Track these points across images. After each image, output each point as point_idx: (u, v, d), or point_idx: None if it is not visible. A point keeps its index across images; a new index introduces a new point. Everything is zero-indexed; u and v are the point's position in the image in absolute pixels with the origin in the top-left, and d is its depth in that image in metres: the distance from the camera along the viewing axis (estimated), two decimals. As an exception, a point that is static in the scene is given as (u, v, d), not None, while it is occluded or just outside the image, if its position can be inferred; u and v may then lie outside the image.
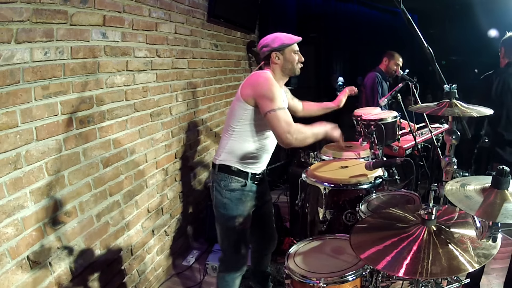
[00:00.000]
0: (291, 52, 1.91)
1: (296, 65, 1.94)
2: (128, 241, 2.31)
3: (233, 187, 1.90)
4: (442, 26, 6.37)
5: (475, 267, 1.01)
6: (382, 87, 3.55)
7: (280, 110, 1.73)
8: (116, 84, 2.13)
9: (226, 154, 1.91)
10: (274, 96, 1.75)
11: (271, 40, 1.90)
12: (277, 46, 1.89)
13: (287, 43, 1.89)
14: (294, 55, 1.92)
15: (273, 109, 1.72)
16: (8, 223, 1.50)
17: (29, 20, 1.55)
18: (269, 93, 1.75)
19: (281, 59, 1.90)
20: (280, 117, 1.72)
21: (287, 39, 1.90)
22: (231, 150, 1.90)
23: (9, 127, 1.49)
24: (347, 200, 2.13)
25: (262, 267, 2.32)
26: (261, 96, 1.76)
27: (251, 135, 1.88)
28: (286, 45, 1.89)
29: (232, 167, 1.90)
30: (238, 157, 1.90)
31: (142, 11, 2.31)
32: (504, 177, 1.04)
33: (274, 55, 1.90)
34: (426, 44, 1.49)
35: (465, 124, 1.61)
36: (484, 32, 5.05)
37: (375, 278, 1.58)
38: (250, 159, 1.92)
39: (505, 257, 2.71)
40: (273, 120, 1.73)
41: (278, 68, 1.93)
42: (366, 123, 2.35)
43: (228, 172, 1.91)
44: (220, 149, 1.95)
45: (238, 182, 1.91)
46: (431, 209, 1.17)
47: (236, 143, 1.89)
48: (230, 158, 1.91)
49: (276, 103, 1.74)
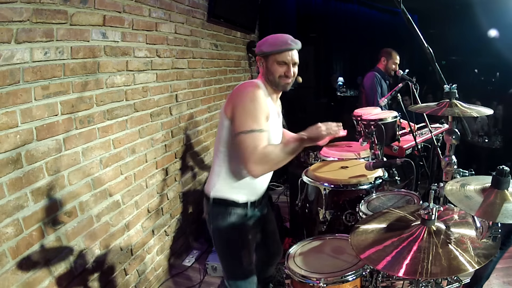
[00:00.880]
0: (274, 62, 1.58)
1: (278, 78, 1.59)
2: (128, 241, 2.31)
3: (233, 221, 1.65)
4: (442, 26, 6.37)
5: (475, 267, 1.01)
6: (382, 86, 3.55)
7: (253, 133, 1.43)
8: (116, 84, 2.13)
9: (220, 185, 1.65)
10: (252, 115, 1.46)
11: (262, 41, 1.63)
12: (258, 50, 1.62)
13: (264, 50, 1.59)
14: (278, 66, 1.58)
15: (245, 130, 1.44)
16: (8, 223, 1.50)
17: (29, 20, 1.55)
18: (248, 111, 1.47)
19: (264, 66, 1.62)
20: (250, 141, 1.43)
21: (268, 45, 1.59)
22: (225, 179, 1.65)
23: (9, 127, 1.49)
24: (347, 200, 2.13)
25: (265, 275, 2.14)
26: (238, 113, 1.49)
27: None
28: (265, 53, 1.59)
29: (229, 199, 1.64)
30: (234, 186, 1.65)
31: (142, 11, 2.31)
32: (504, 177, 1.04)
33: (258, 60, 1.65)
34: (426, 44, 1.50)
35: (465, 124, 1.61)
36: (484, 32, 5.06)
37: (375, 278, 1.58)
38: (249, 185, 1.67)
39: (506, 257, 2.71)
40: (241, 143, 1.45)
41: (263, 76, 1.65)
42: (366, 123, 2.35)
43: (226, 204, 1.65)
44: (213, 178, 1.68)
45: (238, 214, 1.66)
46: (431, 209, 1.17)
47: (229, 170, 1.63)
48: (225, 189, 1.65)
49: (252, 123, 1.45)
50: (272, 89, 1.66)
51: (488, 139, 4.67)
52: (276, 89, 1.66)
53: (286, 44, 1.57)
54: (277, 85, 1.63)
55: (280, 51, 1.56)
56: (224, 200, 1.65)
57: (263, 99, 1.53)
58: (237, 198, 1.65)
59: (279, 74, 1.59)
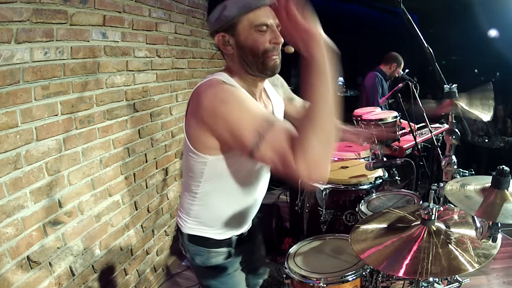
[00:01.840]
0: (250, 30, 1.03)
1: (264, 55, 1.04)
2: (128, 241, 2.31)
3: (213, 263, 1.28)
4: (442, 26, 6.36)
5: (475, 267, 1.01)
6: (383, 87, 3.55)
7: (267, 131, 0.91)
8: (116, 84, 2.13)
9: (194, 222, 1.26)
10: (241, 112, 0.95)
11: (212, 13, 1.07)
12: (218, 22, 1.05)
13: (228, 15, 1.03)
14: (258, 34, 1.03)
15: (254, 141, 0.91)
16: (8, 223, 1.50)
17: (29, 20, 1.54)
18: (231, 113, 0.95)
19: (232, 45, 1.07)
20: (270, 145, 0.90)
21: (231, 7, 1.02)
22: (200, 220, 1.25)
23: (9, 127, 1.49)
24: (347, 200, 2.13)
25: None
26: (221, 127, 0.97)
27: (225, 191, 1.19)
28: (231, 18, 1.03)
29: (208, 237, 1.25)
30: (213, 225, 1.25)
31: (142, 11, 2.31)
32: (504, 177, 1.04)
33: (219, 40, 1.08)
34: (426, 44, 1.49)
35: (465, 124, 1.61)
36: (484, 32, 5.05)
37: (375, 278, 1.58)
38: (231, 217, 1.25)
39: (505, 257, 2.71)
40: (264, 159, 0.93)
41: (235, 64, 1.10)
42: (366, 123, 2.35)
43: (204, 245, 1.26)
44: (184, 213, 1.28)
45: (220, 255, 1.28)
46: (431, 209, 1.17)
47: (204, 211, 1.23)
48: (200, 227, 1.26)
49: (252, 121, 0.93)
50: (250, 80, 1.12)
51: (488, 139, 4.67)
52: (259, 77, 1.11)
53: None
54: (264, 68, 1.07)
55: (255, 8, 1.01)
56: (201, 239, 1.25)
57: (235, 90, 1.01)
58: (217, 236, 1.26)
59: (264, 46, 1.03)
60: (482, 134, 4.74)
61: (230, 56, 1.11)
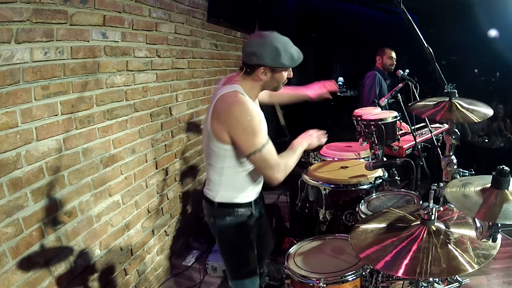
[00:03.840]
0: (285, 72, 1.56)
1: (282, 84, 1.61)
2: (128, 241, 2.31)
3: (239, 221, 1.68)
4: (442, 26, 6.36)
5: (475, 267, 1.01)
6: (382, 86, 3.55)
7: (264, 148, 1.47)
8: (116, 84, 2.13)
9: (224, 192, 1.66)
10: (254, 131, 1.46)
11: (265, 50, 1.46)
12: (272, 64, 1.49)
13: (287, 65, 1.51)
14: (285, 74, 1.57)
15: (257, 150, 1.46)
16: (8, 223, 1.50)
17: (29, 20, 1.55)
18: (248, 130, 1.45)
19: (268, 76, 1.53)
20: (265, 156, 1.48)
21: (289, 59, 1.49)
22: (227, 186, 1.66)
23: (9, 127, 1.49)
24: (347, 200, 2.13)
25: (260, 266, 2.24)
26: (239, 136, 1.48)
27: (243, 167, 1.63)
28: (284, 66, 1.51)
29: (235, 202, 1.67)
30: (238, 190, 1.67)
31: (142, 11, 2.31)
32: (504, 177, 1.04)
33: (261, 70, 1.51)
34: (426, 44, 1.50)
35: (465, 124, 1.61)
36: (484, 32, 5.05)
37: (375, 278, 1.58)
38: (250, 186, 1.69)
39: (505, 257, 2.71)
40: (258, 162, 1.50)
41: (258, 84, 1.58)
42: (366, 123, 2.35)
43: (232, 207, 1.67)
44: (214, 186, 1.68)
45: (244, 214, 1.68)
46: (431, 209, 1.17)
47: (230, 180, 1.65)
48: (229, 195, 1.66)
49: (259, 139, 1.46)
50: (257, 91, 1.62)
51: (488, 139, 4.67)
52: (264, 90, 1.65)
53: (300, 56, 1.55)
54: (276, 89, 1.63)
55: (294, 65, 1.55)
56: (230, 204, 1.66)
57: (252, 107, 1.50)
58: (242, 200, 1.67)
59: (284, 79, 1.59)
60: (482, 134, 4.74)
61: (257, 79, 1.55)
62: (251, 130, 1.46)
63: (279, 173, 1.52)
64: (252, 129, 1.46)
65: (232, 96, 1.49)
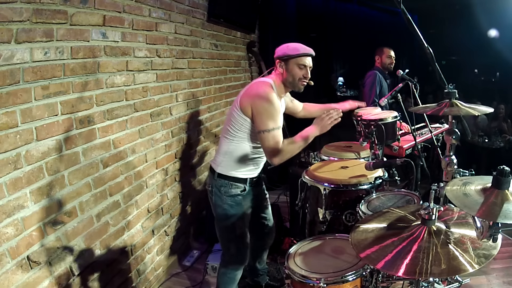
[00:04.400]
0: (295, 64, 1.86)
1: (298, 81, 1.89)
2: (128, 241, 2.31)
3: (233, 193, 1.95)
4: (442, 26, 6.37)
5: (475, 267, 1.01)
6: (382, 86, 3.55)
7: (273, 131, 1.75)
8: (116, 84, 2.13)
9: (226, 161, 1.93)
10: (270, 115, 1.76)
11: (282, 47, 1.89)
12: (281, 54, 1.86)
13: (289, 54, 1.85)
14: (298, 69, 1.87)
15: (267, 129, 1.75)
16: (8, 223, 1.50)
17: (29, 20, 1.54)
18: (266, 112, 1.76)
19: (283, 69, 1.88)
20: (271, 138, 1.75)
21: (292, 49, 1.85)
22: (231, 157, 1.92)
23: (9, 127, 1.49)
24: (347, 200, 2.13)
25: (260, 262, 2.38)
26: (258, 113, 1.78)
27: (251, 142, 1.91)
28: (289, 56, 1.85)
29: (232, 174, 1.93)
30: (238, 164, 1.93)
31: (142, 11, 2.31)
32: (505, 177, 1.04)
33: (277, 62, 1.89)
34: (426, 44, 1.50)
35: (465, 124, 1.61)
36: (484, 32, 5.06)
37: (375, 278, 1.58)
38: (249, 165, 1.96)
39: (505, 257, 2.71)
40: (264, 140, 1.78)
41: (279, 78, 1.91)
42: (366, 123, 2.35)
43: (228, 178, 1.93)
44: (220, 155, 1.97)
45: (238, 188, 1.95)
46: (432, 209, 1.17)
47: (236, 150, 1.91)
48: (230, 165, 1.93)
49: (271, 123, 1.75)
50: (284, 89, 1.95)
51: (488, 139, 4.67)
52: (288, 89, 1.96)
53: (307, 50, 1.87)
54: (294, 86, 1.91)
55: (303, 55, 1.85)
56: (228, 176, 1.93)
57: (276, 100, 1.82)
58: (239, 175, 1.94)
59: (298, 76, 1.87)
60: (482, 134, 4.75)
61: (279, 73, 1.91)
62: (268, 112, 1.76)
63: (276, 158, 1.77)
64: (269, 113, 1.76)
65: (265, 83, 1.85)
